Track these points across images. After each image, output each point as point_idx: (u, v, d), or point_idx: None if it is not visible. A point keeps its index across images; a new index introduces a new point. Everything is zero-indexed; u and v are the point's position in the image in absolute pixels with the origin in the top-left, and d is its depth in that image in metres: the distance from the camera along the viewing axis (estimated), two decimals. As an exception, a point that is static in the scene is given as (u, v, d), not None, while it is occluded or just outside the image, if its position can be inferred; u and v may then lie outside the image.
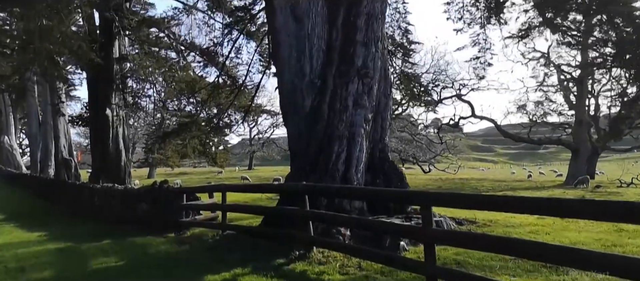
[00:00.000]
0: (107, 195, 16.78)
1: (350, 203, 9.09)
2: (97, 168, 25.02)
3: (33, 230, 14.46)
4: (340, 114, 9.73)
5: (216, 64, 20.42)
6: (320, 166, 9.54)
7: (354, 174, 9.51)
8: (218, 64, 20.56)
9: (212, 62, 20.36)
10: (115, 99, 24.93)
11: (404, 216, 8.97)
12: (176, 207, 12.62)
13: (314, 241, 7.82)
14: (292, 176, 10.11)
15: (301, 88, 10.07)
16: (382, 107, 10.49)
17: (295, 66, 10.16)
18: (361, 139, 9.73)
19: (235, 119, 20.75)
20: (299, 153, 10.16)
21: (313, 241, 7.81)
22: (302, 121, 10.09)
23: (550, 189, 25.92)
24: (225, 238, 10.21)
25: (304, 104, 10.06)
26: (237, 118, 20.89)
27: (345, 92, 9.79)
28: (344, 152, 9.60)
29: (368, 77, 9.86)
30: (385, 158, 10.37)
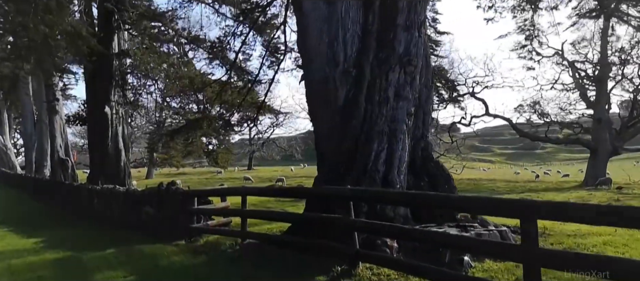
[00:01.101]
0: (108, 197, 15.60)
1: (393, 209, 7.91)
2: (96, 168, 23.75)
3: (28, 236, 13.28)
4: (380, 107, 8.55)
5: (223, 59, 19.21)
6: (357, 166, 8.36)
7: (397, 176, 8.33)
8: (224, 58, 19.36)
9: (218, 58, 19.13)
10: (114, 96, 23.69)
11: (456, 225, 7.80)
12: (187, 211, 11.43)
13: (360, 255, 6.64)
14: (322, 178, 8.93)
15: (333, 78, 8.88)
16: (424, 100, 9.32)
17: (326, 53, 8.97)
18: (404, 135, 8.56)
19: (247, 115, 19.49)
20: (330, 151, 8.96)
21: (358, 255, 6.62)
22: (335, 116, 8.90)
23: (572, 190, 24.84)
24: (247, 248, 9.00)
25: (337, 97, 8.87)
26: (249, 115, 19.63)
27: (385, 82, 8.61)
28: (384, 151, 8.42)
29: (411, 65, 8.68)
30: (429, 158, 9.19)
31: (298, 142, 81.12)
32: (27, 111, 39.15)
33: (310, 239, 7.71)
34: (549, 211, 4.41)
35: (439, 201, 6.07)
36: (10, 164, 42.67)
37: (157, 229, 12.20)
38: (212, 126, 18.91)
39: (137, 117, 46.90)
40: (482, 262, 6.56)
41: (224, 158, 28.97)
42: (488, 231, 7.16)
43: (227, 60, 19.33)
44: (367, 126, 8.53)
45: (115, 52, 23.38)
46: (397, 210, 7.89)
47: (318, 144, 9.59)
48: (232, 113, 18.15)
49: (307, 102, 10.01)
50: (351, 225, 6.60)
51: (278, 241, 8.52)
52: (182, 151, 24.41)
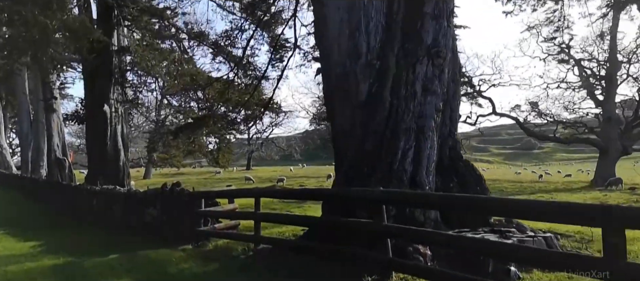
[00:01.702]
0: (108, 198, 14.92)
1: (423, 213, 7.28)
2: (94, 168, 23.06)
3: (25, 239, 12.57)
4: (407, 102, 7.91)
5: (228, 55, 18.53)
6: (382, 166, 7.71)
7: (425, 177, 7.69)
8: (229, 55, 18.68)
9: (224, 53, 18.44)
10: (113, 94, 23.01)
11: (491, 230, 7.17)
12: (193, 214, 10.79)
13: (394, 264, 5.99)
14: (342, 179, 8.27)
15: (355, 71, 8.25)
16: (451, 95, 8.67)
17: (347, 44, 8.33)
18: (432, 133, 7.93)
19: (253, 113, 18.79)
20: (351, 150, 8.31)
21: (392, 264, 5.98)
22: (356, 112, 8.27)
23: (583, 191, 24.27)
24: (261, 253, 8.35)
25: (359, 91, 8.24)
26: (255, 112, 18.95)
27: (412, 75, 7.97)
28: (411, 149, 7.78)
29: (440, 57, 8.05)
30: (458, 157, 8.54)
31: (297, 142, 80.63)
32: (23, 109, 38.37)
33: (332, 244, 7.08)
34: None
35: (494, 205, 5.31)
36: (5, 164, 41.85)
37: (161, 232, 11.57)
38: (219, 124, 18.20)
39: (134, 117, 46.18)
40: (530, 272, 5.94)
41: (224, 157, 28.25)
42: (532, 238, 6.54)
43: (232, 56, 18.65)
44: (392, 122, 7.89)
45: (114, 49, 22.73)
46: (428, 214, 7.27)
47: (336, 143, 8.96)
48: (239, 110, 17.46)
49: (325, 97, 9.38)
50: (384, 231, 5.96)
51: (296, 246, 7.87)
52: (183, 150, 23.69)
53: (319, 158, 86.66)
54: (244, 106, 17.22)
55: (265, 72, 16.15)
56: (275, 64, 15.91)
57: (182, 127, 18.41)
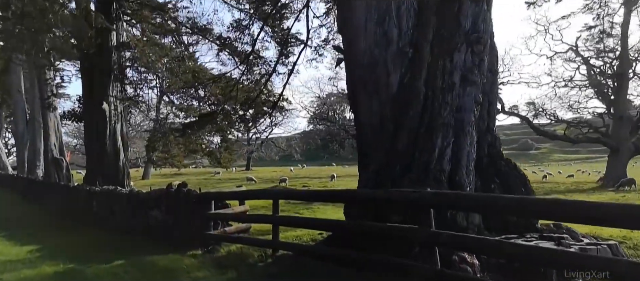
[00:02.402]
0: (109, 199, 14.17)
1: (466, 217, 6.55)
2: (93, 168, 22.20)
3: (22, 243, 11.82)
4: (444, 94, 7.18)
5: (233, 50, 17.74)
6: (417, 165, 6.98)
7: (465, 177, 6.96)
8: (235, 50, 17.89)
9: (230, 49, 17.65)
10: (112, 92, 22.17)
11: (540, 236, 6.45)
12: (202, 216, 10.04)
13: (441, 276, 5.25)
14: (368, 179, 7.53)
15: (385, 60, 7.51)
16: (489, 87, 7.94)
17: (375, 30, 7.58)
18: (472, 128, 7.20)
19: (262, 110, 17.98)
20: (380, 148, 7.57)
21: (441, 276, 5.24)
22: (386, 105, 7.53)
23: (595, 191, 23.60)
24: (282, 261, 7.60)
25: (389, 82, 7.50)
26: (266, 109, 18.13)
27: (449, 64, 7.23)
28: (449, 146, 7.05)
29: (480, 43, 7.32)
30: (498, 155, 7.80)
31: (297, 142, 79.80)
32: (19, 108, 37.49)
33: (367, 253, 6.35)
34: None
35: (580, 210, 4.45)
36: (1, 165, 41.01)
37: (167, 236, 10.84)
38: (227, 121, 17.39)
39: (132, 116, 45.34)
40: (599, 285, 5.21)
41: (226, 157, 27.46)
42: (596, 246, 5.81)
43: (237, 52, 17.86)
44: (428, 117, 7.15)
45: (114, 45, 21.93)
46: (471, 218, 6.53)
47: (362, 140, 8.21)
48: (249, 106, 16.64)
49: (349, 90, 8.61)
50: (433, 238, 5.21)
51: (321, 254, 7.11)
52: (185, 150, 22.92)
53: (318, 158, 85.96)
54: (253, 102, 16.41)
55: (276, 67, 15.39)
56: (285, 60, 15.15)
57: (189, 124, 17.55)
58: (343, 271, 6.45)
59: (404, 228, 5.55)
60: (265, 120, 20.11)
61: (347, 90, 8.67)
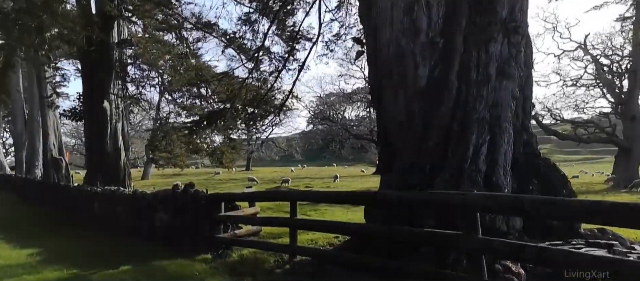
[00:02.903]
0: (111, 201, 13.61)
1: (506, 221, 6.01)
2: (93, 168, 21.64)
3: (21, 246, 11.26)
4: (479, 88, 6.63)
5: (239, 46, 17.17)
6: (450, 165, 6.45)
7: (502, 177, 6.42)
8: (240, 46, 17.33)
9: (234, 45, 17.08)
10: (114, 90, 21.61)
11: (586, 242, 5.90)
12: (212, 219, 9.50)
13: (490, 288, 4.71)
14: (394, 180, 6.99)
15: (413, 52, 6.97)
16: (523, 82, 7.39)
17: (402, 19, 7.04)
18: (509, 125, 6.67)
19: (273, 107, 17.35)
20: (408, 146, 7.03)
21: (488, 288, 4.69)
22: (414, 100, 6.99)
23: (608, 193, 23.07)
24: (302, 268, 7.05)
25: (418, 75, 6.95)
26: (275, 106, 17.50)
27: (484, 55, 6.69)
28: (485, 144, 6.51)
29: (518, 33, 6.78)
30: (535, 154, 7.23)
31: (297, 142, 79.10)
32: (18, 107, 36.87)
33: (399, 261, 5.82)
34: None
35: None
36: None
37: (174, 239, 10.29)
38: (237, 118, 16.78)
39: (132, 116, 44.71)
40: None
41: (228, 157, 26.84)
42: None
43: (244, 48, 17.28)
44: (461, 112, 6.61)
45: (115, 42, 21.38)
46: (512, 223, 5.99)
47: (385, 138, 7.67)
48: (258, 104, 16.03)
49: (371, 84, 8.07)
50: (483, 246, 4.65)
51: (345, 260, 6.55)
52: (189, 149, 22.32)
53: (318, 158, 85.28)
54: (263, 99, 15.82)
55: (286, 62, 14.77)
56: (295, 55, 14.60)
57: (197, 122, 16.96)
58: (365, 277, 5.92)
59: (448, 235, 5.00)
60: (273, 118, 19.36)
61: (370, 84, 8.13)
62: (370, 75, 7.92)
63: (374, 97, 8.09)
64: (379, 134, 7.94)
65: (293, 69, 14.94)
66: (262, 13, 14.07)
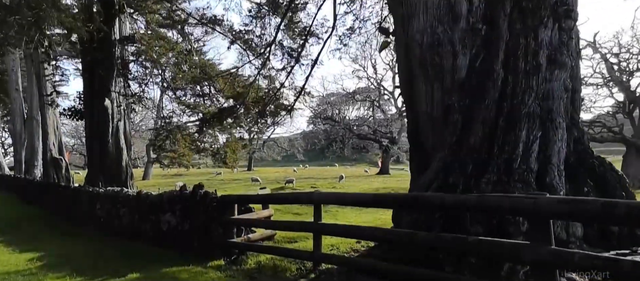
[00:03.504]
0: (114, 202, 12.96)
1: (565, 228, 5.35)
2: (94, 168, 20.97)
3: (21, 249, 10.68)
4: (528, 78, 5.98)
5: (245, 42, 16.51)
6: (496, 164, 5.80)
7: (557, 178, 5.77)
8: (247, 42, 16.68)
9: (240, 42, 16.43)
10: (115, 88, 20.93)
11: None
12: (223, 222, 8.86)
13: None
14: (429, 180, 6.33)
15: (451, 40, 6.32)
16: (574, 72, 6.74)
17: (438, 5, 6.39)
18: (562, 119, 6.02)
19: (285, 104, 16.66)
20: (445, 144, 6.38)
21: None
22: (453, 93, 6.34)
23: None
24: (328, 277, 6.40)
25: (456, 65, 6.31)
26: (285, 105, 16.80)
27: (533, 42, 6.03)
28: (536, 140, 5.86)
29: (570, 18, 6.13)
30: (587, 151, 6.57)
31: (300, 142, 78.52)
32: (17, 106, 36.25)
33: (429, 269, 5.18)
34: None
35: None
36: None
37: (182, 243, 9.65)
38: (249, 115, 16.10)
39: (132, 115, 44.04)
40: None
41: (232, 157, 26.19)
42: None
43: (250, 44, 16.62)
44: (508, 105, 5.96)
45: (117, 38, 20.72)
46: (573, 230, 5.34)
47: (418, 135, 7.02)
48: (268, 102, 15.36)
49: (401, 76, 7.42)
50: (553, 258, 3.99)
51: (380, 270, 5.88)
52: (193, 149, 21.69)
53: (320, 158, 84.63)
54: (275, 95, 15.13)
55: (299, 57, 14.07)
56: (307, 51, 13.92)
57: (207, 119, 16.29)
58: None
59: (511, 245, 4.33)
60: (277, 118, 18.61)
61: (399, 77, 7.47)
62: (400, 67, 7.28)
63: (404, 91, 7.43)
64: (410, 132, 7.27)
65: (306, 64, 14.26)
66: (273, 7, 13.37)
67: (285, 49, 14.65)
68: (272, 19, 14.15)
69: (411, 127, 7.24)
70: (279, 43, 14.48)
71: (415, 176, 7.15)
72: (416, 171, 7.12)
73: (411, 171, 7.37)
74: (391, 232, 5.80)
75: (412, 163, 7.27)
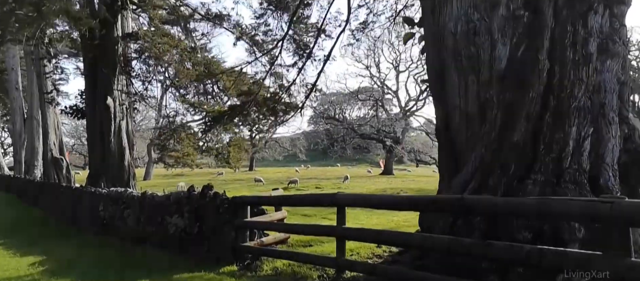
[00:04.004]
0: (118, 203, 12.45)
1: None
2: (96, 168, 20.50)
3: (22, 253, 10.24)
4: (577, 69, 5.44)
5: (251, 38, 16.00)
6: (544, 163, 5.27)
7: (611, 178, 5.25)
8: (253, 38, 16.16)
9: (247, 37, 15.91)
10: (118, 86, 20.43)
11: None
12: (236, 225, 8.35)
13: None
14: (467, 181, 5.82)
15: (488, 28, 5.79)
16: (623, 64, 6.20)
17: (475, -11, 5.88)
18: (615, 114, 5.49)
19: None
20: (479, 141, 5.85)
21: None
22: (490, 85, 5.81)
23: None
24: (355, 286, 5.90)
25: (494, 56, 5.78)
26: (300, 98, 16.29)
27: (582, 30, 5.50)
28: (588, 138, 5.34)
29: (623, 3, 5.59)
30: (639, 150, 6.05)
31: (301, 141, 77.92)
32: (16, 105, 35.76)
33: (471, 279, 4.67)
34: None
35: None
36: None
37: (191, 247, 9.14)
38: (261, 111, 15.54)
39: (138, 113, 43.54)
40: None
41: (236, 157, 25.71)
42: None
43: (255, 39, 16.09)
44: (555, 99, 5.42)
45: (119, 35, 20.22)
46: (636, 238, 4.81)
47: (449, 133, 6.49)
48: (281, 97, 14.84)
49: (430, 69, 6.87)
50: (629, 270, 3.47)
51: (413, 280, 5.36)
52: (198, 148, 21.20)
53: (322, 158, 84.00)
54: (287, 90, 14.60)
55: (311, 52, 13.52)
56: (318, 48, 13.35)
57: (217, 118, 15.77)
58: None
59: (585, 256, 3.80)
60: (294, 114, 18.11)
61: (428, 71, 6.93)
62: (429, 59, 6.73)
63: (432, 85, 6.89)
64: (439, 129, 6.74)
65: (318, 60, 13.70)
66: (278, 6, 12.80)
67: (298, 42, 14.08)
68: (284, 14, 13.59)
69: (440, 124, 6.71)
70: (291, 37, 13.92)
71: (445, 176, 6.62)
72: (445, 172, 6.59)
73: (439, 171, 6.85)
74: (430, 238, 5.25)
75: (441, 162, 6.75)
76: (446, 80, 6.40)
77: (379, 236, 6.05)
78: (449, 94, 6.40)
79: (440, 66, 6.49)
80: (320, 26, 13.06)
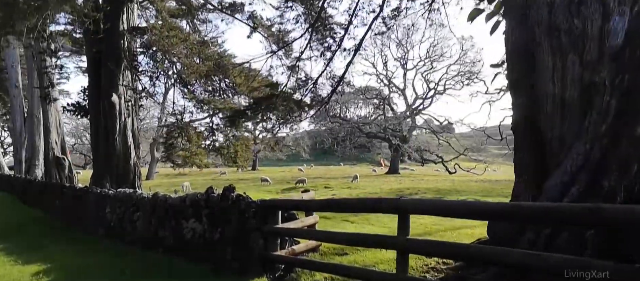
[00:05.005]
0: (126, 206, 11.45)
1: None
2: (100, 168, 19.49)
3: (24, 260, 9.13)
4: None
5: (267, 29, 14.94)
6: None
7: None
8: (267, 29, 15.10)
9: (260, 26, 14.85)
10: (123, 82, 19.39)
11: None
12: (265, 231, 7.31)
13: None
14: (565, 184, 4.77)
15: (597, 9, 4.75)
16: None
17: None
18: None
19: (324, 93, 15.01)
20: (581, 132, 4.80)
21: None
22: (597, 66, 4.76)
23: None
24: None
25: (605, 30, 4.69)
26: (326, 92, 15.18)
27: None
28: None
29: None
30: None
31: (305, 140, 76.98)
32: (16, 104, 34.72)
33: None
34: None
35: None
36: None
37: (211, 255, 8.07)
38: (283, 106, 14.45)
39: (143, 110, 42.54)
40: None
41: (243, 156, 24.66)
42: None
43: (271, 32, 15.04)
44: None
45: (125, 28, 19.19)
46: None
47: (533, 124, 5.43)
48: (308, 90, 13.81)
49: (511, 49, 5.77)
50: None
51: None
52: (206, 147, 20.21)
53: (324, 158, 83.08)
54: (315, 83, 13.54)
55: (342, 41, 12.39)
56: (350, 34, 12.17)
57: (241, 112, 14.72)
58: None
59: None
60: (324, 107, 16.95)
61: (507, 53, 5.82)
62: (509, 38, 5.66)
63: (513, 69, 5.79)
64: (518, 121, 5.66)
65: (349, 48, 12.57)
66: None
67: (328, 28, 12.92)
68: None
69: (521, 115, 5.63)
70: (322, 22, 12.77)
71: (525, 177, 5.56)
72: (525, 172, 5.52)
73: (515, 171, 5.79)
74: (528, 256, 4.15)
75: (519, 161, 5.68)
76: (536, 61, 5.32)
77: (454, 250, 4.92)
78: (538, 77, 5.32)
79: (526, 44, 5.41)
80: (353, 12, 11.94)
